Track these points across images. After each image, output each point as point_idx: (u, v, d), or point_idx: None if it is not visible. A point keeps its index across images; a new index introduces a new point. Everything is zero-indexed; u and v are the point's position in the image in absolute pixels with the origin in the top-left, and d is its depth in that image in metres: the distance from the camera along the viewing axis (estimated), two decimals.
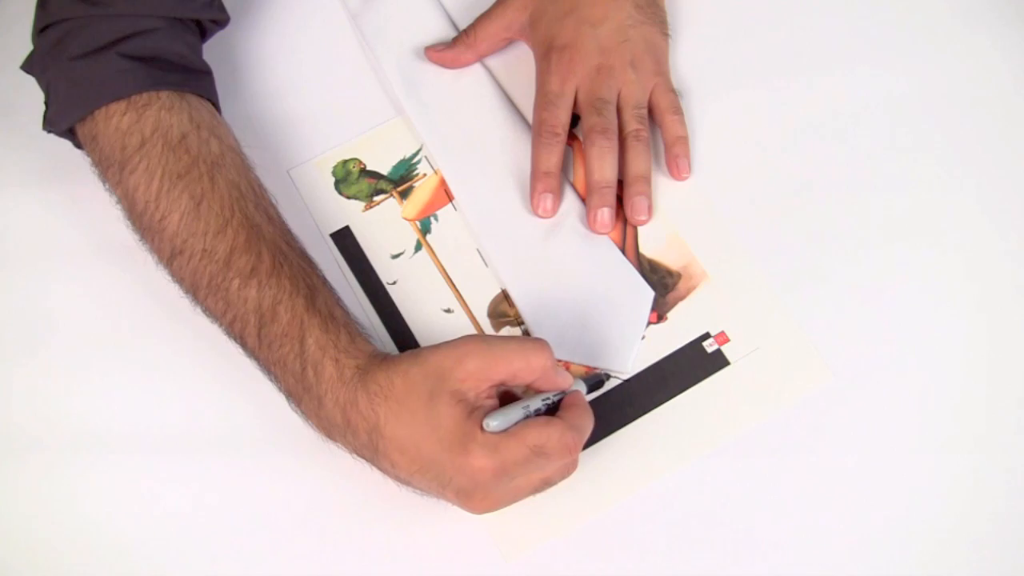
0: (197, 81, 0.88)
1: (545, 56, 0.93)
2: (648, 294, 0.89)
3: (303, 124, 0.95)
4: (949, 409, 0.86)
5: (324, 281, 0.83)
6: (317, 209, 0.92)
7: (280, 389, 0.82)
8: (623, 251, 0.91)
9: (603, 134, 0.91)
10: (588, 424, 0.79)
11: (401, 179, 0.95)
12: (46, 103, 0.88)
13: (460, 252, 0.92)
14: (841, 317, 0.88)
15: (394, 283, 0.91)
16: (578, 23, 0.92)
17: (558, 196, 0.92)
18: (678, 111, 0.93)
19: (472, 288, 0.91)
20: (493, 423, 0.75)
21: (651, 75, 0.93)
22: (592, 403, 0.86)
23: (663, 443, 0.85)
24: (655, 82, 0.93)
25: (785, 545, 0.83)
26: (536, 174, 0.92)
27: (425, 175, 0.95)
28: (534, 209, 0.92)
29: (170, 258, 0.83)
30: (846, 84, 0.95)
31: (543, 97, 0.93)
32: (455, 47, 0.97)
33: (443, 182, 0.94)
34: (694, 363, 0.87)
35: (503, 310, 0.90)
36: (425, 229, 0.93)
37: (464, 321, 0.90)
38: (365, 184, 0.95)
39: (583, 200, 0.93)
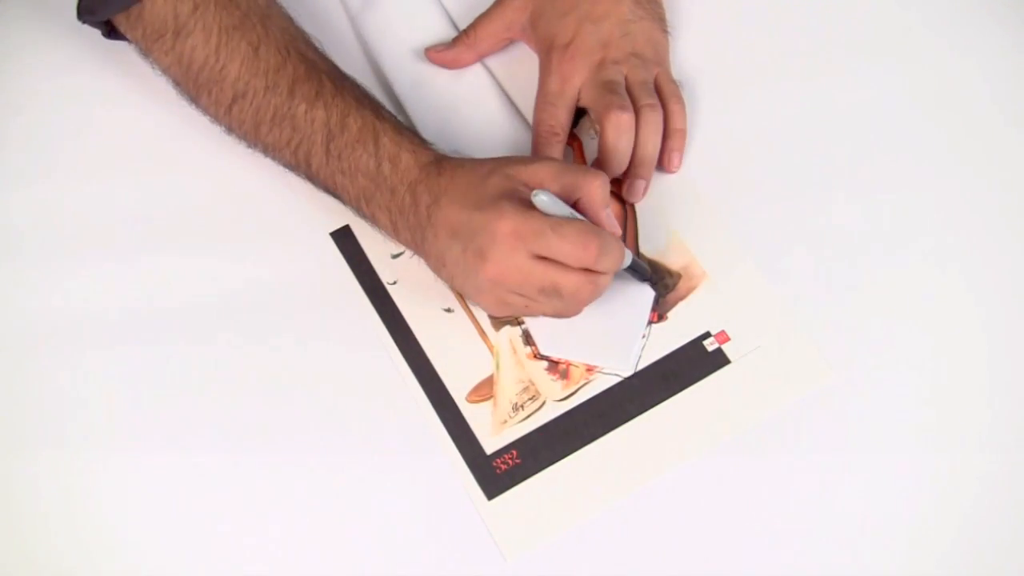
0: None
1: (547, 55, 0.93)
2: (648, 294, 0.89)
3: None
4: (950, 407, 0.85)
5: (381, 103, 0.90)
6: (317, 208, 0.92)
7: (345, 199, 0.88)
8: None
9: (623, 109, 0.89)
10: (612, 249, 0.81)
11: None
12: None
13: None
14: (841, 315, 0.88)
15: (394, 283, 0.91)
16: (579, 21, 0.92)
17: None
18: (680, 100, 0.93)
19: None
20: (543, 195, 0.79)
21: (654, 64, 0.93)
22: (592, 401, 0.86)
23: (664, 441, 0.85)
24: (657, 71, 0.93)
25: (786, 543, 0.83)
26: None
27: None
28: None
29: (230, 104, 0.89)
30: (846, 83, 0.95)
31: (543, 97, 0.93)
32: (455, 47, 0.97)
33: None
34: (695, 361, 0.87)
35: None
36: None
37: (465, 321, 0.90)
38: None
39: None
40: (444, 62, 0.97)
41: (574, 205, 0.82)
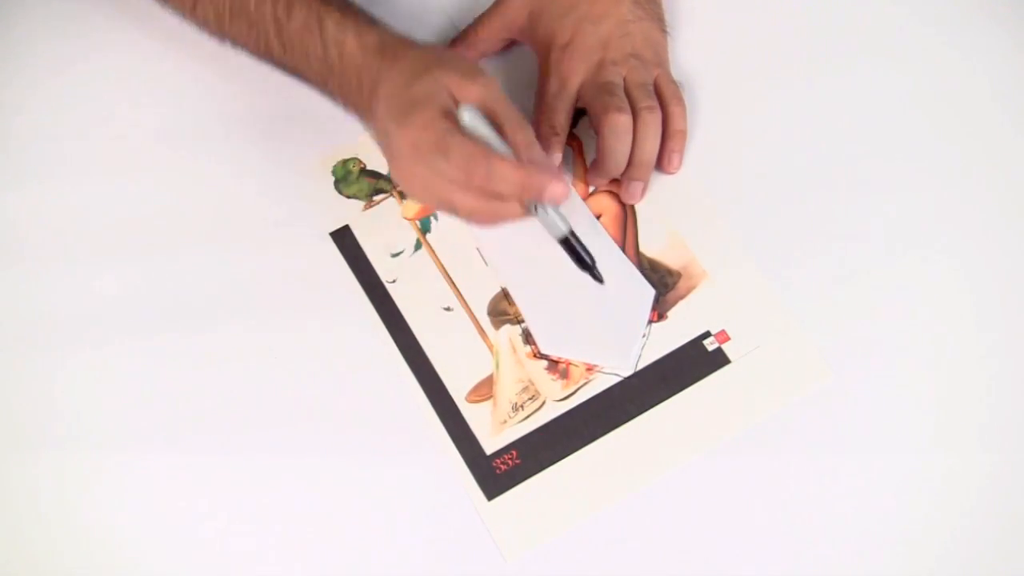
0: None
1: (546, 56, 0.93)
2: (649, 293, 0.89)
3: (303, 123, 0.95)
4: (948, 407, 0.86)
5: None
6: (317, 208, 0.93)
7: (311, 83, 0.89)
8: (623, 250, 0.91)
9: (620, 111, 0.89)
10: (504, 176, 0.79)
11: None
12: None
13: (460, 251, 0.92)
14: (841, 315, 0.88)
15: (394, 282, 0.91)
16: (578, 21, 0.92)
17: None
18: (681, 102, 0.93)
19: (472, 286, 0.91)
20: (466, 114, 0.79)
21: (653, 65, 0.93)
22: (592, 401, 0.86)
23: (664, 441, 0.85)
24: (657, 72, 0.93)
25: (785, 543, 0.83)
26: None
27: None
28: None
29: (194, 4, 0.91)
30: (847, 83, 0.95)
31: (542, 97, 0.93)
32: (455, 47, 0.97)
33: None
34: (695, 361, 0.87)
35: (503, 308, 0.90)
36: (425, 228, 0.93)
37: (464, 320, 0.90)
38: (365, 183, 0.95)
39: (583, 200, 0.93)
40: None
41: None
